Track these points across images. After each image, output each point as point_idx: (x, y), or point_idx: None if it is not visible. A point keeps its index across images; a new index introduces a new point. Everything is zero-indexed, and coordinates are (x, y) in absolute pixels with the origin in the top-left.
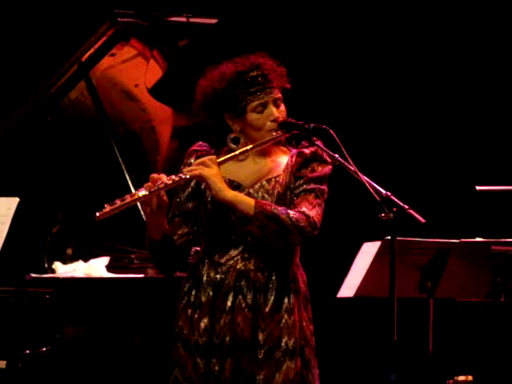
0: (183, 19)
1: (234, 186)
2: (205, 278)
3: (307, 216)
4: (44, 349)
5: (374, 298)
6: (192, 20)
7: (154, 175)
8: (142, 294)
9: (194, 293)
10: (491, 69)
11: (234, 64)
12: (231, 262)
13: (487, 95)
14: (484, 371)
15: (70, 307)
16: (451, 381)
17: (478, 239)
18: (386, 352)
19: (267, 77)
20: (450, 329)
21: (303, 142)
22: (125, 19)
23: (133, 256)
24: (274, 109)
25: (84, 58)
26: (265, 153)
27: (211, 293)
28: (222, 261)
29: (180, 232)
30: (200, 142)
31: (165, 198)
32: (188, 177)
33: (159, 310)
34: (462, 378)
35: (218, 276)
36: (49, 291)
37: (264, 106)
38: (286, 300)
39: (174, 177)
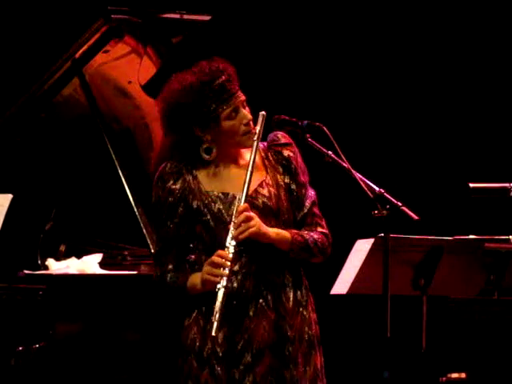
0: (177, 16)
1: (231, 197)
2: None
3: (326, 235)
4: (37, 345)
5: (367, 295)
6: (185, 17)
7: (212, 267)
8: (135, 290)
9: (205, 303)
10: (483, 66)
11: (193, 75)
12: (245, 269)
13: (481, 93)
14: (477, 368)
15: (63, 304)
16: (444, 378)
17: (471, 236)
18: (379, 349)
19: (231, 81)
20: (444, 326)
21: (273, 137)
22: (118, 16)
23: (126, 253)
24: (244, 111)
25: (78, 55)
26: (235, 157)
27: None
28: (236, 269)
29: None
30: (169, 164)
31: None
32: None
33: (152, 306)
34: (455, 375)
35: (234, 284)
36: (42, 288)
37: (236, 111)
38: (298, 294)
39: (230, 254)
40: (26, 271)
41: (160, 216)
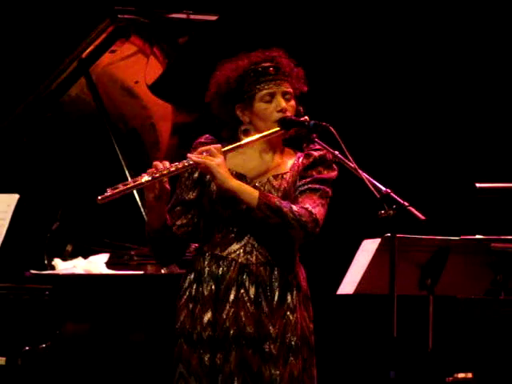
0: (183, 16)
1: (238, 177)
2: (206, 272)
3: (310, 212)
4: (44, 345)
5: (373, 295)
6: (192, 17)
7: (157, 162)
8: (141, 290)
9: (195, 287)
10: (490, 67)
11: (247, 57)
12: (233, 256)
13: (487, 93)
14: (484, 368)
15: (69, 304)
16: (451, 378)
17: (477, 236)
18: (386, 349)
19: (280, 69)
20: (450, 326)
21: (311, 145)
22: (125, 16)
23: (132, 253)
24: (281, 100)
25: (84, 55)
26: (271, 149)
27: (213, 286)
28: (224, 254)
29: (179, 222)
30: (207, 135)
31: (167, 185)
32: (192, 163)
33: (159, 306)
34: (461, 375)
35: (220, 269)
36: (48, 288)
37: (272, 96)
38: (288, 297)
39: (177, 164)
40: (33, 271)
41: (182, 177)
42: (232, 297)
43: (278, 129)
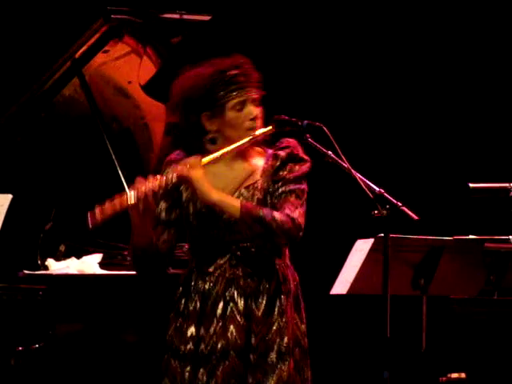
0: (176, 16)
1: None
2: (192, 288)
3: (292, 219)
4: (37, 345)
5: (367, 295)
6: (185, 17)
7: (140, 179)
8: (135, 290)
9: (183, 302)
10: (483, 66)
11: (211, 65)
12: (219, 271)
13: (480, 92)
14: (477, 368)
15: (62, 304)
16: (444, 378)
17: (471, 236)
18: (379, 349)
19: (247, 76)
20: (443, 326)
21: (277, 144)
22: (118, 16)
23: (126, 253)
24: (252, 107)
25: (77, 55)
26: (240, 156)
27: (198, 302)
28: (211, 270)
29: (162, 239)
30: (178, 151)
31: (151, 201)
32: (175, 178)
33: (152, 307)
34: (455, 375)
35: (206, 285)
36: (42, 288)
37: (243, 104)
38: (277, 303)
39: (160, 178)
40: (26, 271)
41: (160, 199)
42: (220, 311)
43: (253, 137)
